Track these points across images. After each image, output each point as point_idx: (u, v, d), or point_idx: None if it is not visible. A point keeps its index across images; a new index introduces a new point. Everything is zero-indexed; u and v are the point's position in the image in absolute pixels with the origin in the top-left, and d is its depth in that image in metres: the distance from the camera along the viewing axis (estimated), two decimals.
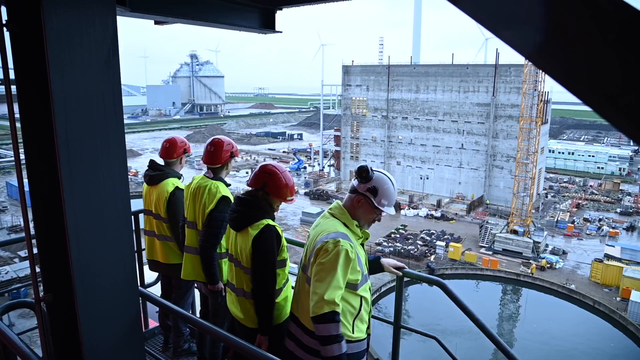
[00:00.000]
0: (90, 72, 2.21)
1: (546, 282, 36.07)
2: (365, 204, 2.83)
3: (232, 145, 4.20)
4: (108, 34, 2.26)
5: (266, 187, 3.21)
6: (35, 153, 2.23)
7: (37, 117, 2.16)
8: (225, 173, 4.20)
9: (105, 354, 2.35)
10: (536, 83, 44.70)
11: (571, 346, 28.59)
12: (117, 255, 2.38)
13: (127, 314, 2.44)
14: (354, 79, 65.52)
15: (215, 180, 4.06)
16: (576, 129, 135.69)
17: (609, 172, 74.50)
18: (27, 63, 2.15)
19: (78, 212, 2.20)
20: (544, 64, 0.70)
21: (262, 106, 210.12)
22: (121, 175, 2.37)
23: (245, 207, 3.17)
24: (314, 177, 67.28)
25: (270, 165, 3.33)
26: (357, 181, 2.85)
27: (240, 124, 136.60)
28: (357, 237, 2.83)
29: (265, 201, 3.22)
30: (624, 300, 32.47)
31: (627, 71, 0.60)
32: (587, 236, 45.67)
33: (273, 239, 3.08)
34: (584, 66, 0.64)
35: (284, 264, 3.20)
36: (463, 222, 49.52)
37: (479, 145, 56.53)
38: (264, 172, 3.25)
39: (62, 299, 2.25)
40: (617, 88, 0.61)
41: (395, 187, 2.89)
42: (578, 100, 0.66)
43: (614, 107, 0.62)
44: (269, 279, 3.05)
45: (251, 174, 3.35)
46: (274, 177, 3.24)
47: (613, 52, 0.61)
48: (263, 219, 3.13)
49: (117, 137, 2.34)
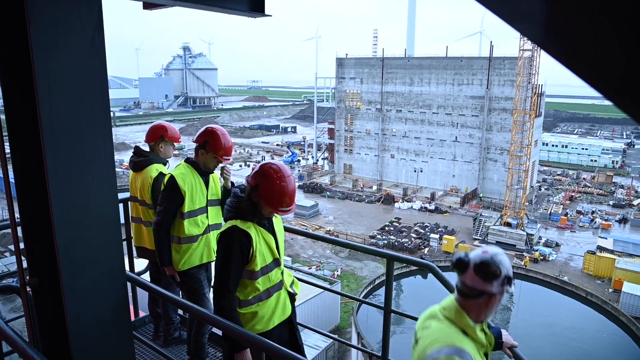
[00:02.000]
0: (75, 52, 2.17)
1: (539, 274, 36.33)
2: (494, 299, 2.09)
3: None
4: (93, 14, 2.21)
5: (258, 190, 2.88)
6: (19, 136, 2.18)
7: (21, 98, 2.11)
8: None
9: (92, 338, 2.32)
10: (530, 76, 44.74)
11: (564, 336, 28.87)
12: (104, 240, 2.35)
13: (114, 298, 2.41)
14: (347, 71, 65.36)
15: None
16: (570, 122, 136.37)
17: (602, 164, 75.02)
18: (10, 44, 2.10)
19: (63, 195, 2.16)
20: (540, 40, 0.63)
21: (256, 99, 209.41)
22: (107, 158, 2.33)
23: (229, 204, 3.04)
24: (307, 170, 67.25)
25: (270, 165, 2.94)
26: (472, 280, 2.03)
27: (233, 117, 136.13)
28: (480, 346, 2.09)
29: (250, 203, 2.90)
30: (616, 292, 32.84)
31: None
32: (580, 228, 46.01)
33: (233, 244, 2.81)
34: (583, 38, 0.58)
35: (253, 276, 2.89)
36: (457, 215, 49.72)
37: (473, 138, 56.65)
38: (259, 172, 2.90)
39: (48, 283, 2.22)
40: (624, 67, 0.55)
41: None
42: (572, 94, 0.61)
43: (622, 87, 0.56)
44: (221, 285, 2.80)
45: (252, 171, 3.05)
46: (267, 183, 2.86)
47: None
48: (234, 219, 2.91)
49: (103, 118, 2.30)
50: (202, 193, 3.99)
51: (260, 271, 2.93)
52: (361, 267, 36.11)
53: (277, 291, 3.08)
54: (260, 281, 2.95)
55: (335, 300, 26.08)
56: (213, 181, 4.12)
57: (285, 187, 2.87)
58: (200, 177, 3.99)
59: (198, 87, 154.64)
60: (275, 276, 3.06)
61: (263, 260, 2.95)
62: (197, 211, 3.95)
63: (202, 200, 3.99)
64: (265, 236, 3.00)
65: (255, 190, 2.88)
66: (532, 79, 44.86)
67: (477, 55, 62.90)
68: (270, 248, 3.02)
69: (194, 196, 3.92)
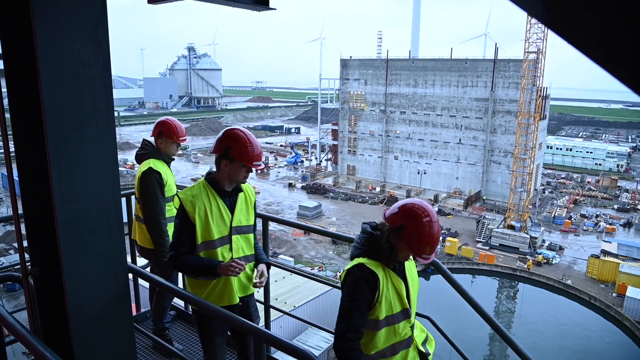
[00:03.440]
0: (79, 45, 2.17)
1: (542, 277, 36.22)
2: None
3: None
4: (96, 6, 2.21)
5: (402, 231, 2.58)
6: (22, 125, 2.19)
7: (25, 90, 2.12)
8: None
9: (93, 328, 2.33)
10: (535, 78, 44.68)
11: (566, 339, 28.76)
12: (104, 230, 2.36)
13: (116, 288, 2.42)
14: (352, 72, 65.37)
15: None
16: (574, 125, 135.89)
17: (607, 168, 74.73)
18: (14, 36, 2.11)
19: (65, 185, 2.17)
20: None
21: (260, 100, 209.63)
22: (109, 150, 2.33)
23: (357, 240, 2.79)
24: (311, 171, 67.29)
25: (417, 205, 2.61)
26: None
27: (237, 118, 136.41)
28: None
29: (389, 245, 2.61)
30: (619, 296, 32.66)
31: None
32: (584, 232, 45.84)
33: (360, 284, 2.57)
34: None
35: (376, 326, 2.60)
36: (460, 217, 49.63)
37: (477, 140, 56.55)
38: (405, 212, 2.58)
39: (49, 273, 2.23)
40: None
41: None
42: (577, 97, 0.58)
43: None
44: (345, 330, 2.50)
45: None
46: (414, 225, 2.56)
47: None
48: (362, 257, 2.64)
49: (106, 110, 2.30)
50: (222, 218, 3.21)
51: (384, 320, 2.58)
52: None
53: (405, 348, 2.66)
54: (384, 333, 2.59)
55: (339, 300, 26.02)
56: (243, 202, 3.35)
57: (433, 233, 2.54)
58: (220, 198, 3.23)
59: (202, 88, 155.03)
60: (403, 330, 2.65)
61: (389, 308, 2.59)
62: (216, 242, 3.18)
63: (223, 229, 3.22)
64: (395, 281, 2.64)
65: (399, 231, 2.54)
66: (536, 81, 44.80)
67: (482, 57, 62.83)
68: (400, 295, 2.64)
69: (210, 224, 3.15)
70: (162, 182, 4.41)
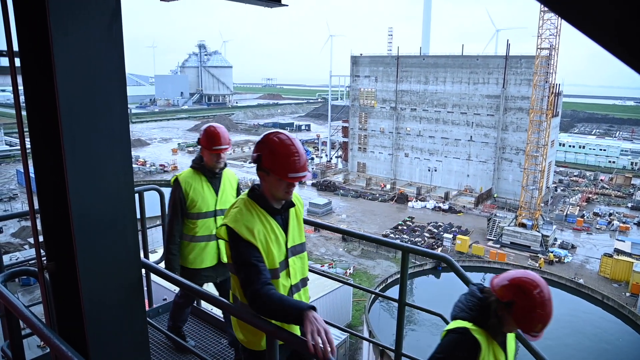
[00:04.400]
0: (93, 41, 2.19)
1: (554, 275, 35.86)
2: None
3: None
4: (111, 4, 2.24)
5: (512, 307, 2.40)
6: (38, 122, 2.22)
7: (41, 88, 2.15)
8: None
9: (107, 322, 2.37)
10: (547, 75, 44.16)
11: (579, 339, 28.49)
12: (118, 225, 2.39)
13: (129, 282, 2.45)
14: (362, 69, 65.20)
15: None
16: (588, 122, 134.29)
17: (620, 166, 73.79)
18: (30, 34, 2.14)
19: (80, 181, 2.20)
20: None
21: (270, 97, 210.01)
22: (123, 147, 2.36)
23: (462, 302, 2.65)
24: (321, 169, 67.26)
25: (532, 280, 2.39)
26: None
27: (248, 115, 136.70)
28: None
29: (497, 319, 2.45)
30: (633, 296, 32.29)
31: None
32: (597, 230, 45.33)
33: (459, 350, 2.44)
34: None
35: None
36: (471, 215, 49.34)
37: (488, 137, 56.14)
38: (518, 288, 2.39)
39: (64, 267, 2.26)
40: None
41: None
42: (590, 94, 0.56)
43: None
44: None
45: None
46: (527, 304, 2.36)
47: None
48: (467, 322, 2.50)
49: (120, 108, 2.33)
50: (278, 240, 2.70)
51: None
52: (374, 266, 36.04)
53: None
54: None
55: (348, 297, 26.10)
56: (294, 217, 2.84)
57: (547, 312, 2.30)
58: (271, 216, 2.69)
59: (213, 85, 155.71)
60: None
61: None
62: (278, 270, 2.73)
63: (280, 253, 2.72)
64: (497, 353, 2.48)
65: (509, 306, 2.35)
66: (549, 78, 44.26)
67: (494, 54, 62.28)
68: None
69: (271, 249, 2.66)
70: (182, 197, 3.98)
